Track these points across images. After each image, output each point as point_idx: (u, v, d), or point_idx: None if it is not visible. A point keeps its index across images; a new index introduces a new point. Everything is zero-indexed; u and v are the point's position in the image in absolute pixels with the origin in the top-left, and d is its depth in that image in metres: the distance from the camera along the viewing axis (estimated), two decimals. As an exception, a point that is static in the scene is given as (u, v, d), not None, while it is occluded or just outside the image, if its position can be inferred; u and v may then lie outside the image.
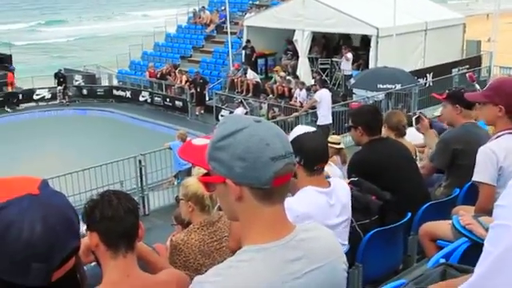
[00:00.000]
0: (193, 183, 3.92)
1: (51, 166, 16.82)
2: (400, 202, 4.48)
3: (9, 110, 26.43)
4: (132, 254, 2.48)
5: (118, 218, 2.43)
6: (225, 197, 1.71)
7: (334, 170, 6.24)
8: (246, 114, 19.75)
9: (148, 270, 2.67)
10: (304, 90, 21.00)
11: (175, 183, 14.94)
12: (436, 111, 9.55)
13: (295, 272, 1.65)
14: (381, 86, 17.43)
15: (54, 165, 17.96)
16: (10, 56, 29.11)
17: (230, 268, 1.63)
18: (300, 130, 3.75)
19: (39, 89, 27.42)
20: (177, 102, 24.91)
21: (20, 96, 26.99)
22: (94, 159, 16.55)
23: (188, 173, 13.88)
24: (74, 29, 70.55)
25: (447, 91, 5.37)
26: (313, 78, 22.43)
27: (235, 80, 24.47)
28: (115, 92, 27.54)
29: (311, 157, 3.48)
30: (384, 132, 5.55)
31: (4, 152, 22.03)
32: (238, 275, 1.60)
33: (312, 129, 3.94)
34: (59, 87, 26.77)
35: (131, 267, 2.47)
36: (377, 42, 21.12)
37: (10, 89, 27.08)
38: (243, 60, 25.53)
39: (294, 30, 23.19)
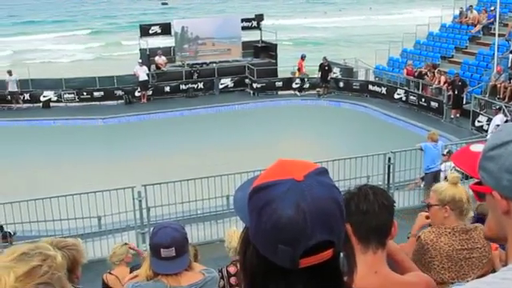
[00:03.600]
0: (447, 188, 3.80)
1: (302, 152, 17.56)
2: None
3: (298, 93, 28.22)
4: (382, 251, 2.48)
5: (372, 213, 2.45)
6: (493, 209, 1.64)
7: None
8: (506, 121, 18.54)
9: (396, 269, 2.67)
10: None
11: (421, 186, 14.64)
12: None
13: None
14: None
15: (304, 151, 18.74)
16: (276, 45, 30.61)
17: (492, 284, 1.55)
18: None
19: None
20: (432, 103, 24.21)
21: (281, 83, 28.54)
22: (344, 151, 16.97)
23: (435, 176, 13.51)
24: (333, 25, 72.24)
25: None
26: None
27: (498, 85, 23.06)
28: (371, 87, 27.68)
29: None
30: None
31: (264, 131, 23.68)
32: None
33: None
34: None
35: (380, 264, 2.47)
36: None
37: (297, 74, 28.88)
38: (509, 64, 23.91)
39: None
